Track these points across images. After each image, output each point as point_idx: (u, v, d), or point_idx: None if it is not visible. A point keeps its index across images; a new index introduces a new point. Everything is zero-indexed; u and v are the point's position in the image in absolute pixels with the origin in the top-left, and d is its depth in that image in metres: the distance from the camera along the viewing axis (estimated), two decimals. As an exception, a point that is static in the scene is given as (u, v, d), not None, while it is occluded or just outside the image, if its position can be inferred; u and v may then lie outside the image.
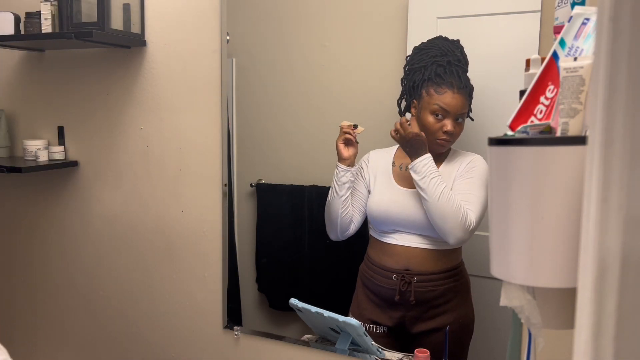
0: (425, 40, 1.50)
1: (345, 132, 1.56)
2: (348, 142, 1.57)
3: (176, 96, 1.86)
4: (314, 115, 1.73)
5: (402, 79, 1.53)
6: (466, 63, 1.46)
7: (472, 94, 1.48)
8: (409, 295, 1.52)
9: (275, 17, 1.74)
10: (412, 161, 1.48)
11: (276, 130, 1.78)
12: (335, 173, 1.59)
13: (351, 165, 1.57)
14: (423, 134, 1.48)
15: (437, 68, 1.46)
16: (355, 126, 1.56)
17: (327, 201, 1.62)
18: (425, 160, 1.47)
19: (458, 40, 1.46)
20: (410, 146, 1.49)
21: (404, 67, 1.53)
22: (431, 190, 1.45)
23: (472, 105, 1.48)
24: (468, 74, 1.47)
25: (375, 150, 1.61)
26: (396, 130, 1.51)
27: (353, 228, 1.61)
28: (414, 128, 1.51)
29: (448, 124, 1.47)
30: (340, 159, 1.57)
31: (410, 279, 1.52)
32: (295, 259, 1.79)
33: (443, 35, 1.47)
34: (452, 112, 1.46)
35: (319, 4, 1.67)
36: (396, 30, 1.56)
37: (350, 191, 1.59)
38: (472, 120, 1.49)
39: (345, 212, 1.59)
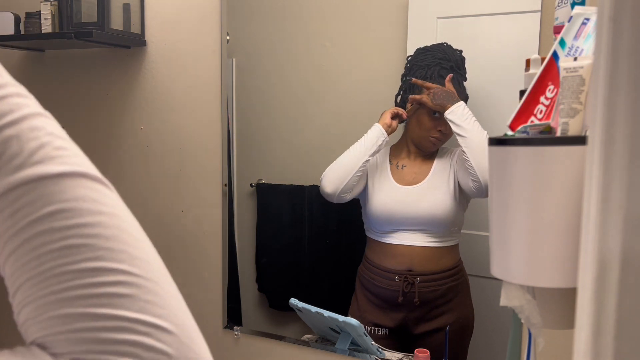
0: (428, 44, 1.50)
1: (398, 108, 1.55)
2: (395, 116, 1.55)
3: (176, 96, 1.86)
4: (314, 115, 1.73)
5: (402, 75, 1.54)
6: (465, 73, 1.48)
7: (466, 102, 1.49)
8: (412, 297, 1.52)
9: (275, 17, 1.74)
10: (447, 108, 1.45)
11: (276, 130, 1.78)
12: (368, 133, 1.54)
13: (387, 133, 1.54)
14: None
15: (440, 70, 1.47)
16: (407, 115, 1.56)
17: (347, 154, 1.56)
18: (464, 105, 1.45)
19: (461, 51, 1.47)
20: (440, 97, 1.47)
21: (406, 65, 1.53)
22: (477, 129, 1.43)
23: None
24: (466, 83, 1.49)
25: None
26: (412, 101, 1.50)
27: (349, 197, 1.58)
28: (412, 121, 1.54)
29: (442, 124, 1.48)
30: (383, 122, 1.54)
31: (413, 279, 1.52)
32: (295, 258, 1.79)
33: (448, 43, 1.48)
34: None
35: (319, 4, 1.67)
36: (396, 30, 1.56)
37: (373, 158, 1.56)
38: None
39: (358, 175, 1.55)
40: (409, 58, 1.53)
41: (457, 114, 1.44)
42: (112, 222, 0.36)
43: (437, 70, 1.48)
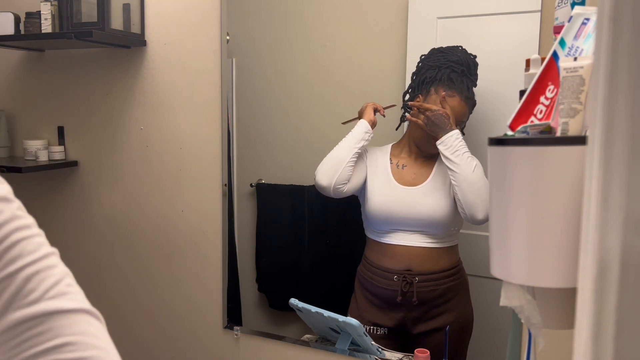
0: (428, 44, 1.50)
1: (376, 104, 1.57)
2: (376, 111, 1.57)
3: (176, 96, 1.86)
4: (314, 115, 1.73)
5: (412, 73, 1.53)
6: (476, 79, 1.47)
7: (473, 109, 1.48)
8: (411, 296, 1.52)
9: (275, 17, 1.74)
10: (439, 137, 1.47)
11: (276, 130, 1.78)
12: (355, 128, 1.56)
13: (372, 127, 1.57)
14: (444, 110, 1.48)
15: (451, 73, 1.47)
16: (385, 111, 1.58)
17: (336, 148, 1.57)
18: (456, 135, 1.45)
19: (475, 56, 1.47)
20: (434, 124, 1.47)
21: (418, 63, 1.52)
22: (465, 164, 1.44)
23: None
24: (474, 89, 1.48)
25: (371, 147, 1.61)
26: (412, 111, 1.50)
27: (346, 189, 1.58)
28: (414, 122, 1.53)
29: None
30: (368, 118, 1.56)
31: (412, 279, 1.52)
32: (295, 258, 1.79)
33: (463, 47, 1.47)
34: (454, 115, 1.47)
35: (319, 4, 1.67)
36: (396, 30, 1.56)
37: (373, 156, 1.58)
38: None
39: (350, 166, 1.55)
40: (422, 57, 1.52)
41: (448, 145, 1.45)
42: (106, 356, 0.41)
43: (447, 72, 1.47)
